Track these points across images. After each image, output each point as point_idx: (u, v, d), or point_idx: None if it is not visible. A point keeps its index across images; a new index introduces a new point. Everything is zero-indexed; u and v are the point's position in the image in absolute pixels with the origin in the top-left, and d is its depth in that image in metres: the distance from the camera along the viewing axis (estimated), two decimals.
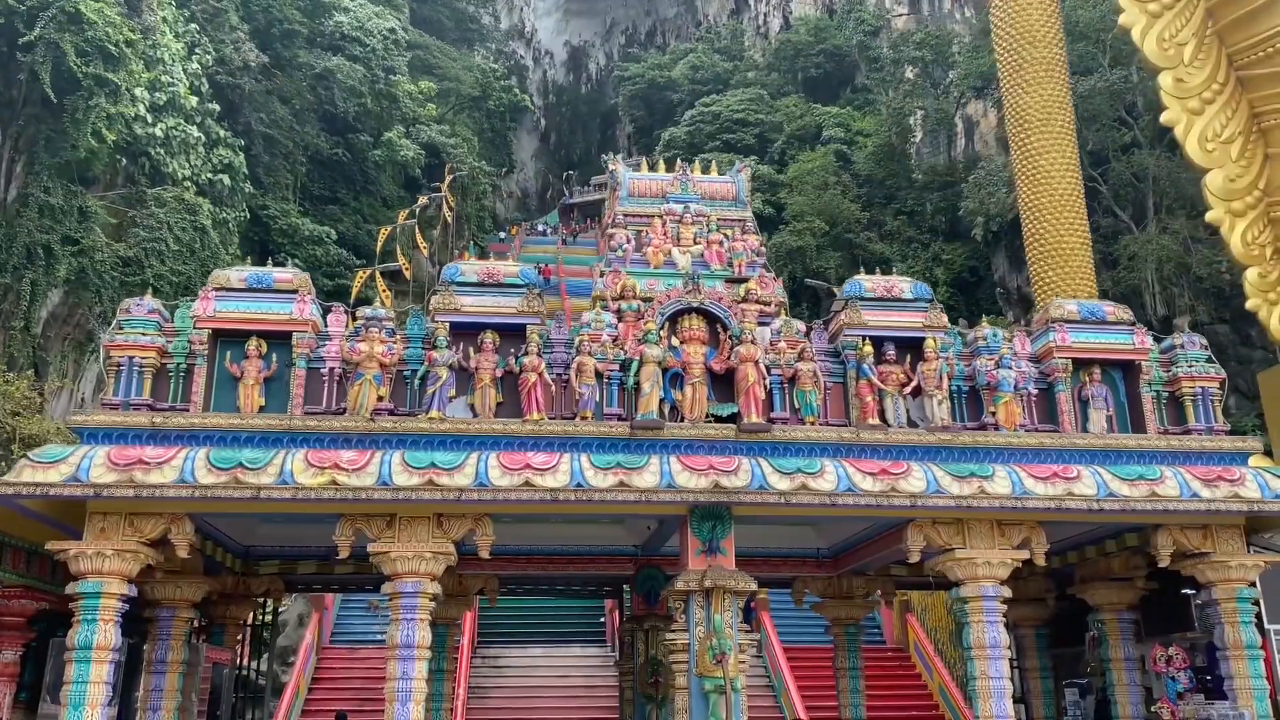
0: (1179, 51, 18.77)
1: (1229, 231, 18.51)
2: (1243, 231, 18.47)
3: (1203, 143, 18.75)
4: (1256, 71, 18.67)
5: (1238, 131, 18.85)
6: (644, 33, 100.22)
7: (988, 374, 11.30)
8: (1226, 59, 19.00)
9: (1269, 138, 18.75)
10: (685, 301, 11.32)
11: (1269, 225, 18.49)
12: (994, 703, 10.46)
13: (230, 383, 10.70)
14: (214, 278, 10.89)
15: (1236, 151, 18.73)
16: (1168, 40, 18.83)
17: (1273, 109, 18.57)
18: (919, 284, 11.88)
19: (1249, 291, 17.94)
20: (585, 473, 10.12)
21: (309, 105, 44.64)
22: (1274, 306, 18.13)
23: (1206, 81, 18.76)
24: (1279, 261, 18.22)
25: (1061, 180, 19.73)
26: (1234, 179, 18.50)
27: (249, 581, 14.02)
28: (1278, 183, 18.39)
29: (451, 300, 10.97)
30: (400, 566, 10.20)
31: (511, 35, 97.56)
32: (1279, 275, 18.17)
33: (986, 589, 10.79)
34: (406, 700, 9.87)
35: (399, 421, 10.36)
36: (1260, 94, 18.71)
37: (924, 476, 10.48)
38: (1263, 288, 18.09)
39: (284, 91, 43.24)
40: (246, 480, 9.69)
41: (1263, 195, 18.54)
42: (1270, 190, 18.48)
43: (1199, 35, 18.89)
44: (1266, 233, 18.49)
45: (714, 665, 9.93)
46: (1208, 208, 37.59)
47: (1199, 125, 18.83)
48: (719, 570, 10.29)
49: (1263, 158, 18.74)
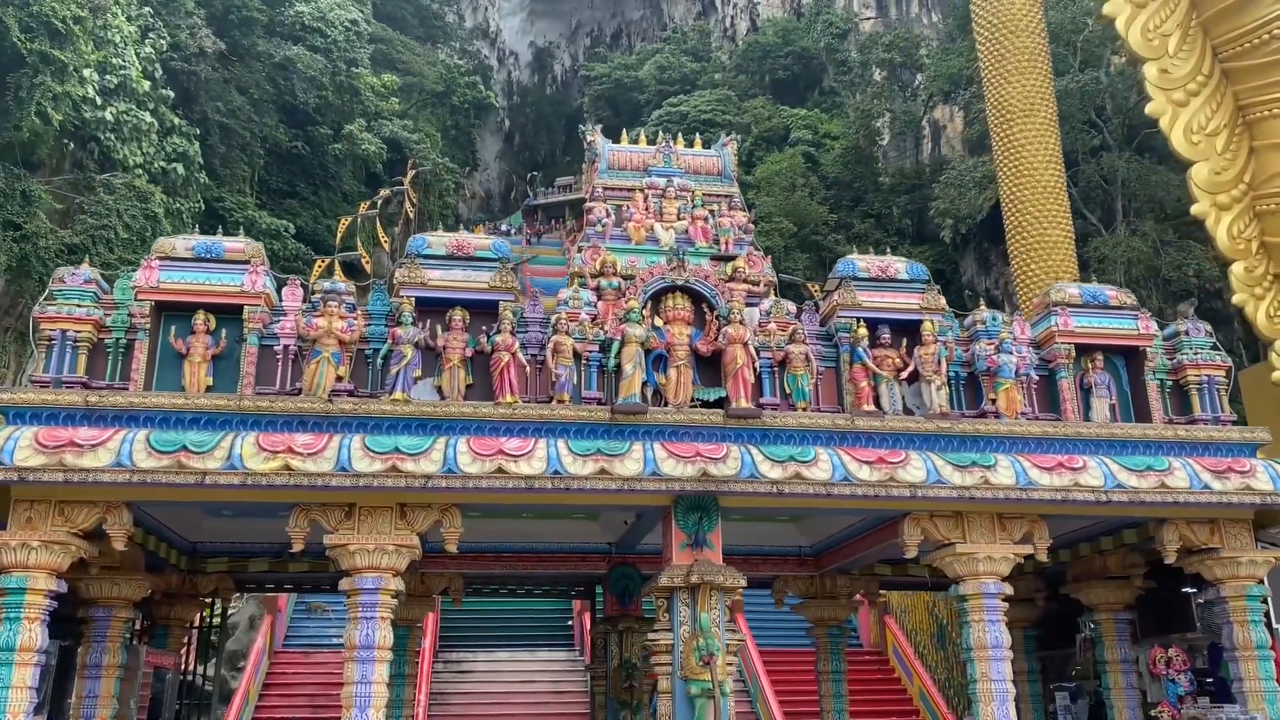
0: (1163, 42, 18.43)
1: (1214, 225, 18.17)
2: (1228, 225, 18.14)
3: (1188, 135, 18.41)
4: (1241, 64, 18.37)
5: (1223, 124, 18.53)
6: (609, 35, 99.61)
7: (987, 359, 10.69)
8: (1211, 51, 18.70)
9: (1254, 130, 18.45)
10: (669, 279, 10.60)
11: (1255, 219, 18.18)
12: (996, 706, 9.84)
13: (175, 360, 9.81)
14: (158, 245, 9.99)
15: (1222, 144, 18.41)
16: (1152, 31, 18.48)
17: (1257, 101, 18.29)
18: (915, 264, 11.27)
19: (1235, 286, 17.59)
20: (563, 459, 9.36)
21: (268, 96, 43.41)
22: (1260, 301, 17.79)
23: (1191, 73, 18.44)
24: (1265, 256, 17.90)
25: (1045, 173, 19.32)
26: (1219, 172, 18.18)
27: (195, 580, 13.08)
28: (1263, 176, 18.10)
29: (417, 273, 10.16)
30: (360, 560, 9.37)
31: (476, 34, 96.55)
32: (1265, 269, 17.85)
33: (988, 586, 10.17)
34: (365, 706, 9.04)
35: (359, 403, 9.53)
36: (1245, 86, 18.42)
37: (923, 466, 9.84)
38: (1249, 282, 17.75)
39: (242, 81, 42.00)
40: (191, 465, 8.81)
41: (1248, 188, 18.23)
42: (1255, 183, 18.18)
43: (1183, 26, 18.57)
44: (1252, 226, 18.17)
45: (700, 667, 9.20)
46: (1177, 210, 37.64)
47: (1184, 117, 18.49)
48: (706, 565, 9.57)
49: (1248, 150, 18.44)
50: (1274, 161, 18.34)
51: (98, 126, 29.63)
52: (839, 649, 14.30)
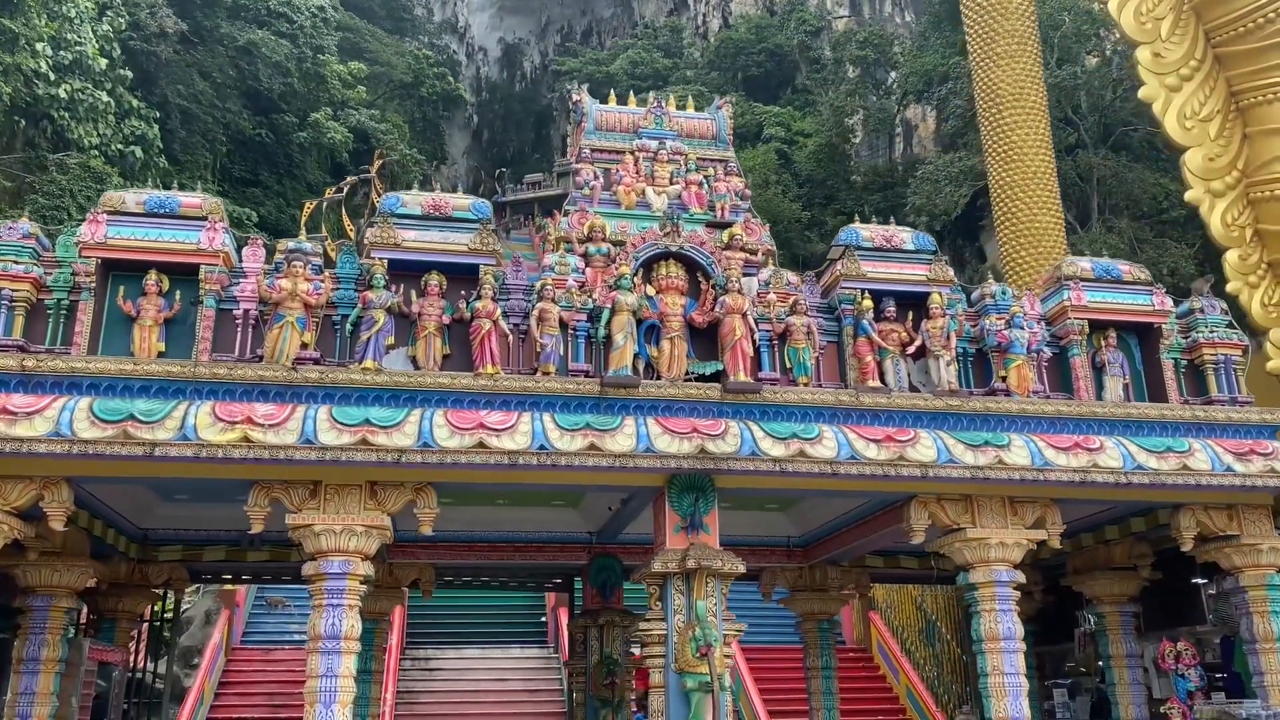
0: (1156, 26, 18.00)
1: (1208, 212, 17.74)
2: (1222, 212, 17.72)
3: (1181, 120, 17.98)
4: (1233, 49, 17.99)
5: (1216, 109, 18.12)
6: (580, 32, 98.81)
7: (998, 334, 10.08)
8: (1204, 35, 18.33)
9: (1247, 116, 18.06)
10: (662, 245, 9.89)
11: (1248, 206, 17.80)
12: (1009, 702, 9.23)
13: (123, 324, 8.97)
14: (106, 199, 9.13)
15: (1215, 130, 17.99)
16: (1145, 14, 18.05)
17: (1250, 87, 17.91)
18: (921, 234, 10.65)
19: (1230, 274, 17.17)
20: (549, 434, 8.62)
21: (231, 81, 42.21)
22: (1255, 290, 17.40)
23: (1184, 58, 18.02)
24: (1259, 244, 17.52)
25: (1035, 158, 18.88)
26: (1213, 158, 17.75)
27: (146, 569, 12.18)
28: (1257, 162, 17.73)
29: (390, 234, 9.38)
30: (325, 543, 8.58)
31: (444, 29, 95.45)
32: (1259, 257, 17.46)
33: (999, 573, 9.57)
34: (331, 702, 8.24)
35: (326, 372, 8.73)
36: (1237, 72, 18.04)
37: (934, 445, 9.21)
38: (1243, 270, 17.33)
39: (204, 65, 40.80)
40: (138, 435, 7.98)
41: (1241, 175, 17.83)
42: (1249, 170, 17.78)
43: (1176, 10, 18.15)
44: (1246, 214, 17.76)
45: (697, 659, 8.49)
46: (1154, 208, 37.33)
47: (1177, 102, 18.06)
48: (703, 549, 8.87)
49: (1241, 137, 18.04)
50: (1267, 148, 17.97)
51: (51, 104, 28.46)
52: (829, 644, 13.68)
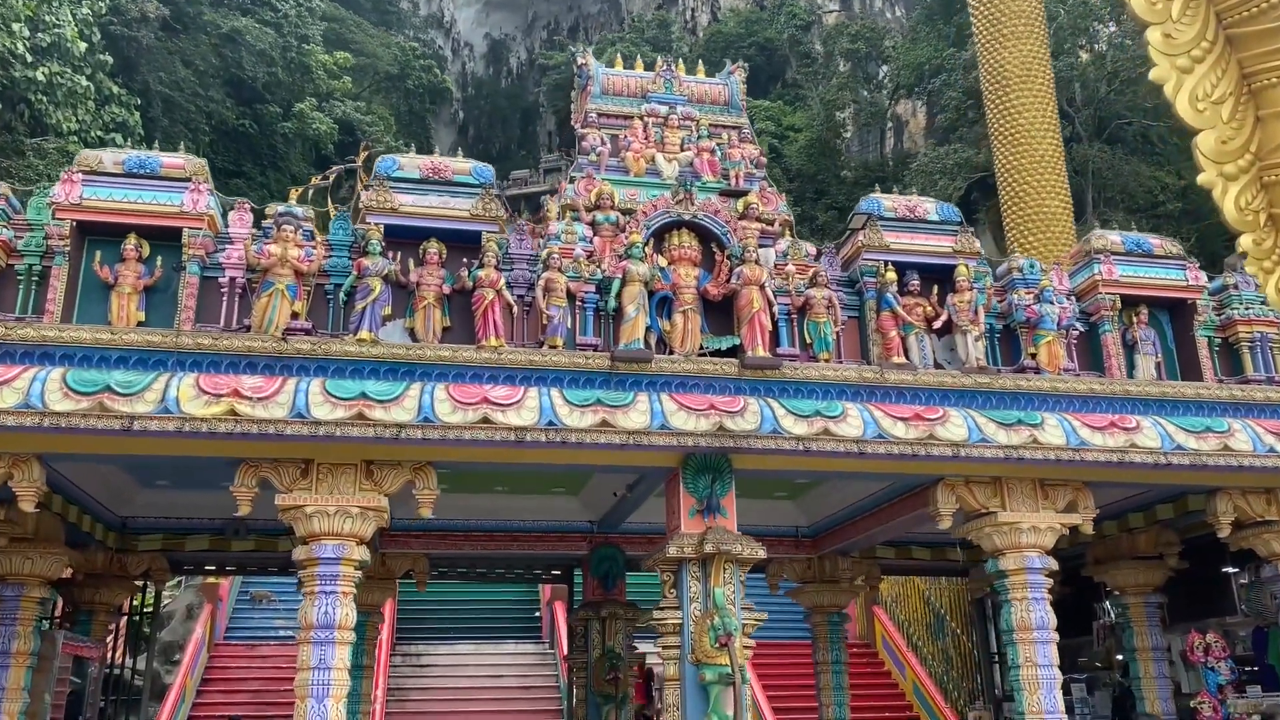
0: (1166, 7, 17.39)
1: (1221, 196, 17.11)
2: (1236, 196, 17.22)
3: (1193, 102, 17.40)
4: (1244, 30, 17.47)
5: (1228, 91, 17.61)
6: (566, 28, 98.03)
7: (1026, 309, 9.59)
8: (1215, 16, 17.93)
9: (1259, 99, 17.55)
10: (675, 214, 9.35)
11: (1262, 190, 17.39)
12: (1043, 695, 8.71)
13: (100, 291, 8.35)
14: (81, 158, 8.51)
15: (1228, 112, 17.47)
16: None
17: (1262, 69, 17.42)
18: (946, 204, 10.14)
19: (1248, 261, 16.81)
20: (558, 410, 8.05)
21: (214, 69, 41.40)
22: (1270, 275, 17.01)
23: (1195, 39, 17.48)
24: (1274, 228, 17.15)
25: (1042, 141, 18.45)
26: (1226, 141, 17.20)
27: (125, 559, 11.57)
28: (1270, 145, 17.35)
29: (387, 198, 8.80)
30: (318, 525, 7.99)
31: (430, 24, 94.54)
32: (1274, 242, 17.06)
33: (1031, 560, 9.07)
34: (324, 695, 7.66)
35: (319, 343, 8.14)
36: (1249, 53, 17.49)
37: (965, 423, 8.69)
38: (1258, 255, 16.67)
39: (186, 52, 40.00)
40: (115, 408, 7.37)
41: (1255, 159, 17.39)
42: (1262, 154, 17.34)
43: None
44: (1260, 198, 17.26)
45: (716, 650, 7.96)
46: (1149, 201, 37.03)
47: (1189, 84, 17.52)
48: (721, 533, 8.33)
49: (1254, 120, 17.62)
50: None
51: (27, 87, 27.67)
52: (839, 637, 13.18)
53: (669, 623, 8.37)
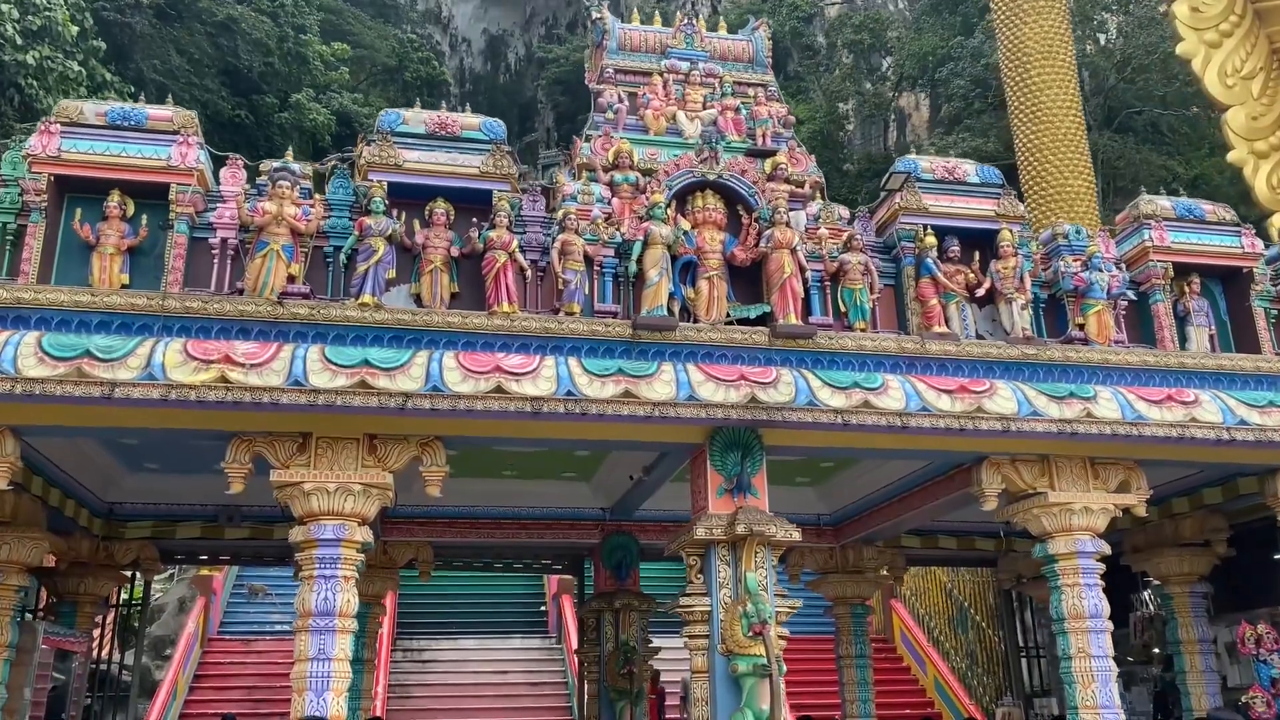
0: None
1: (1253, 174, 16.54)
2: (1267, 174, 16.68)
3: (1222, 77, 16.84)
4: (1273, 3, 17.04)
5: (1258, 67, 17.03)
6: (565, 24, 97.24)
7: (1074, 277, 8.97)
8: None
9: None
10: (699, 173, 8.73)
11: None
12: (1099, 688, 8.11)
13: (80, 252, 7.72)
14: (61, 108, 7.87)
15: (1258, 88, 16.92)
16: None
17: None
18: (985, 166, 9.52)
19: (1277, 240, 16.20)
20: (576, 380, 7.43)
21: (209, 58, 40.65)
22: None
23: (1224, 12, 16.88)
24: None
25: (1064, 118, 17.86)
26: (1257, 117, 16.66)
27: (112, 547, 10.94)
28: None
29: (390, 154, 8.17)
30: (317, 504, 7.36)
31: (428, 19, 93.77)
32: None
33: (1084, 543, 8.46)
34: (323, 688, 7.03)
35: (317, 307, 7.51)
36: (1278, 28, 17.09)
37: (1013, 396, 8.08)
38: None
39: (181, 40, 39.25)
40: (96, 374, 6.74)
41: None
42: None
43: None
44: None
45: (749, 639, 7.33)
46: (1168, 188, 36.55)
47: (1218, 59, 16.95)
48: (754, 514, 7.70)
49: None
50: None
51: (18, 71, 27.01)
52: (862, 630, 12.57)
53: (697, 610, 7.74)
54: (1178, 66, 33.30)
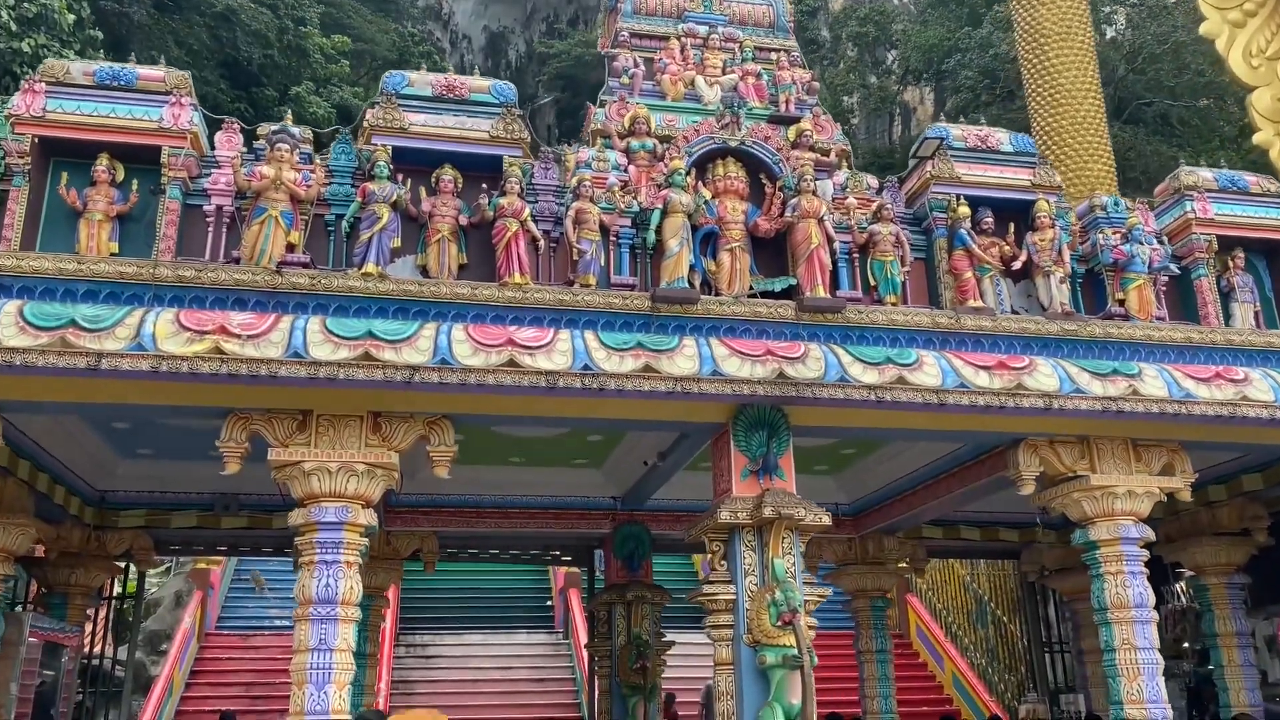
0: None
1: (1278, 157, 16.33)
2: None
3: (1247, 58, 16.40)
4: None
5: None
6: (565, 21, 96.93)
7: (1113, 250, 8.52)
8: None
9: None
10: (720, 139, 8.29)
11: None
12: (1144, 682, 7.66)
13: (67, 219, 7.28)
14: (46, 67, 7.42)
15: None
16: None
17: None
18: (1019, 135, 9.08)
19: None
20: (593, 353, 6.99)
21: (208, 50, 40.15)
22: None
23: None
24: None
25: (1084, 101, 17.43)
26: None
27: (104, 537, 10.52)
28: None
29: (395, 116, 7.72)
30: (318, 485, 6.92)
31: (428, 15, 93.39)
32: None
33: (1127, 529, 8.03)
34: (324, 681, 6.58)
35: (318, 277, 7.07)
36: None
37: (1054, 373, 7.64)
38: None
39: (180, 32, 38.80)
40: (81, 344, 6.30)
41: None
42: None
43: None
44: None
45: (778, 629, 6.90)
46: None
47: (1242, 39, 16.48)
48: (781, 496, 7.26)
49: None
50: None
51: (13, 59, 26.51)
52: (882, 624, 12.15)
53: (720, 599, 7.30)
54: (1189, 56, 32.80)
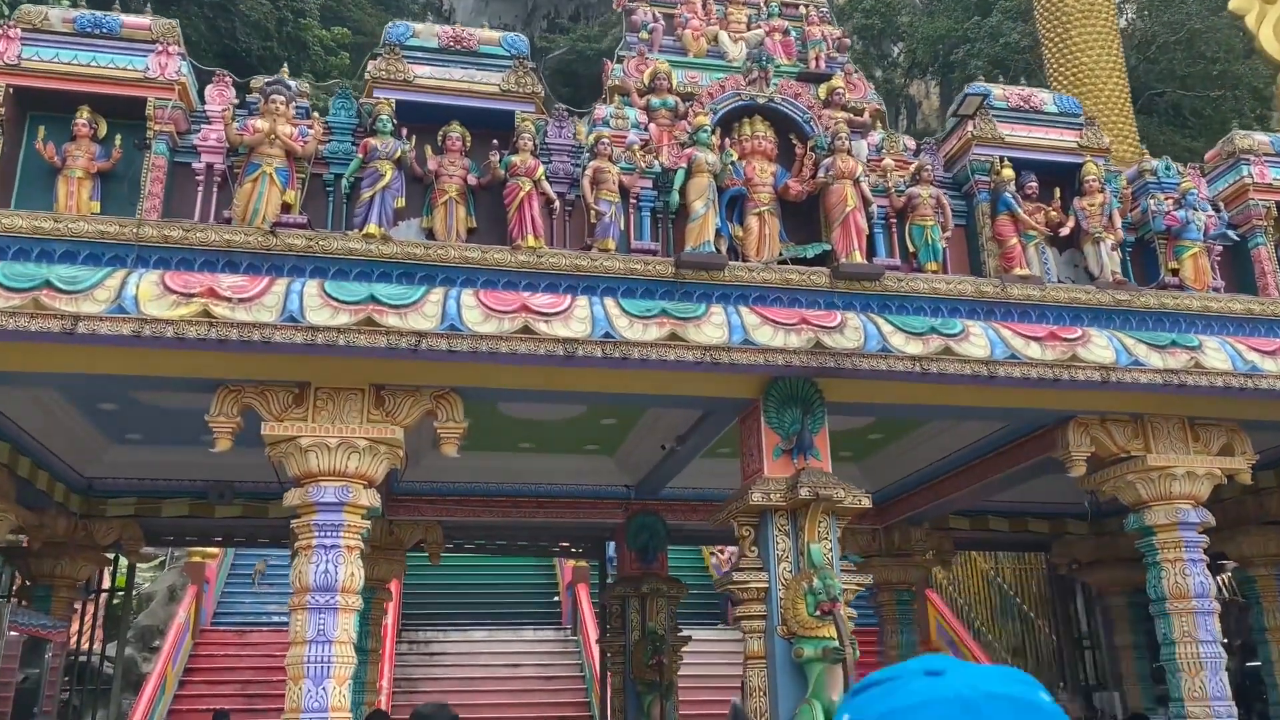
0: None
1: None
2: None
3: (1278, 33, 16.01)
4: None
5: None
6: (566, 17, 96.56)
7: (1166, 217, 7.97)
8: None
9: None
10: (747, 96, 7.73)
11: None
12: (1208, 678, 7.10)
13: (45, 176, 6.73)
14: (23, 13, 6.85)
15: None
16: None
17: None
18: (1064, 95, 8.52)
19: None
20: (614, 321, 6.44)
21: (206, 40, 39.46)
22: None
23: None
24: None
25: (1107, 84, 16.90)
26: None
27: (91, 526, 9.97)
28: None
29: (399, 68, 7.17)
30: (316, 462, 6.37)
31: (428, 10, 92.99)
32: None
33: (1186, 513, 7.48)
34: (322, 676, 6.02)
35: (316, 238, 6.52)
36: None
37: (1109, 344, 7.08)
38: None
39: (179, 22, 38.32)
40: (56, 306, 5.75)
41: None
42: None
43: None
44: None
45: (816, 620, 6.34)
46: None
47: (1273, 15, 16.01)
48: (818, 476, 6.71)
49: None
50: None
51: None
52: (909, 618, 11.63)
53: (752, 587, 6.74)
54: (1203, 44, 32.25)
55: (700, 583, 16.94)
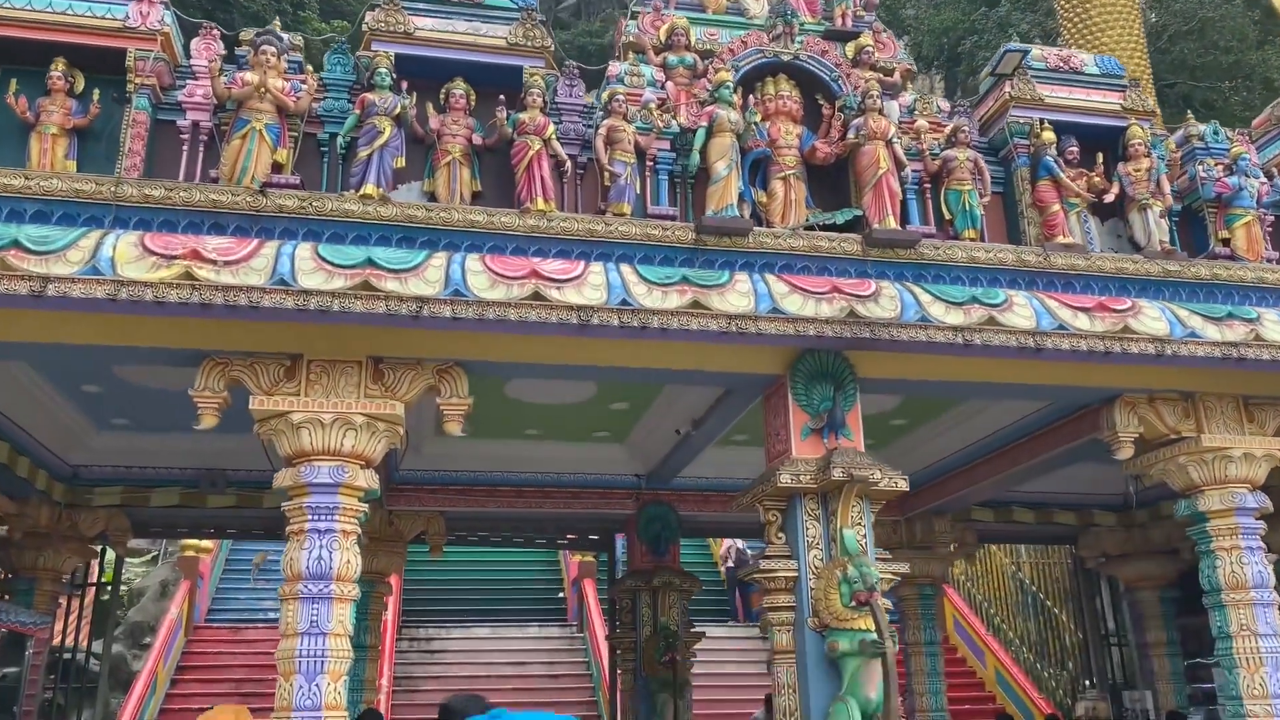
0: None
1: None
2: None
3: None
4: None
5: None
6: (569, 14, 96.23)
7: (1216, 183, 7.49)
8: None
9: None
10: (771, 54, 7.25)
11: None
12: (1268, 674, 6.61)
13: (17, 133, 6.26)
14: None
15: None
16: None
17: None
18: (1105, 56, 8.04)
19: None
20: (631, 288, 5.95)
21: None
22: None
23: None
24: None
25: (1129, 60, 16.43)
26: None
27: (77, 516, 9.49)
28: None
29: (399, 20, 6.68)
30: (309, 440, 5.88)
31: None
32: None
33: (1243, 498, 7.00)
34: (316, 672, 5.55)
35: (309, 199, 6.03)
36: None
37: (1162, 316, 6.59)
38: None
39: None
40: (24, 267, 5.26)
41: None
42: None
43: None
44: None
45: (851, 611, 5.85)
46: None
47: None
48: (852, 456, 6.22)
49: None
50: None
51: None
52: (932, 614, 11.14)
53: (780, 575, 6.25)
54: (1215, 34, 31.74)
55: (710, 578, 16.47)
